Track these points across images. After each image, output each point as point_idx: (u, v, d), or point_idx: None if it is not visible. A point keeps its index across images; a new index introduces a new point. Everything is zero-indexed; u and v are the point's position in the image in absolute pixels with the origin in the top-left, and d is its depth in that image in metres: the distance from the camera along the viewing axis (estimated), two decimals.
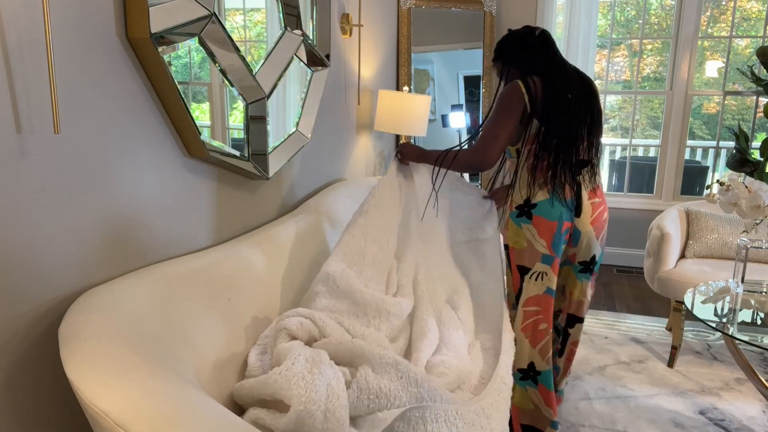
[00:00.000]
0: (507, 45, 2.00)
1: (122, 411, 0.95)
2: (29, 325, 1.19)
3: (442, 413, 1.30)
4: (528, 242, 1.90)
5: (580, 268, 2.04)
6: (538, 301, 1.93)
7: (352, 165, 2.97)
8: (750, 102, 4.88)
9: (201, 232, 1.71)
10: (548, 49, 1.94)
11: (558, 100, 1.84)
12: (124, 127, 1.39)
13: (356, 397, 1.31)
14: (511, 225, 1.94)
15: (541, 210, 1.87)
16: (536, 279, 1.92)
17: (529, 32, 1.97)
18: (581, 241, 1.98)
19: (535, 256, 1.90)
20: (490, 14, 4.01)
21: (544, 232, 1.88)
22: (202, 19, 1.50)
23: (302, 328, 1.52)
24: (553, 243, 1.89)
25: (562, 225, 1.89)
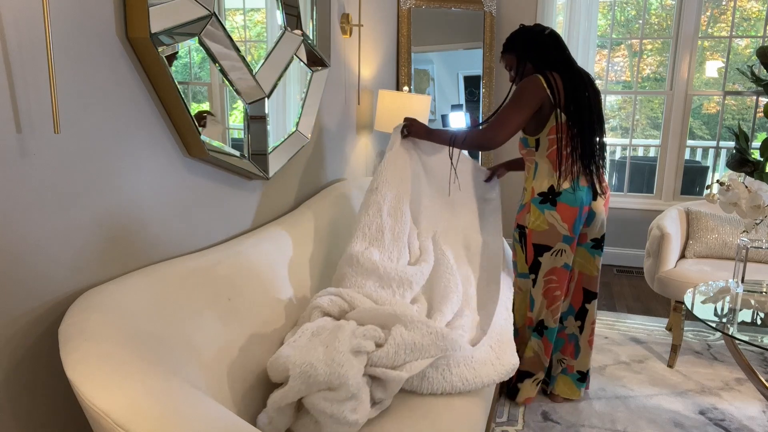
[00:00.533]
0: (521, 40, 2.17)
1: (122, 411, 0.95)
2: (29, 325, 1.19)
3: (462, 359, 1.62)
4: (550, 225, 2.14)
5: (592, 245, 2.28)
6: (555, 272, 2.23)
7: (351, 165, 2.97)
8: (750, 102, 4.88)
9: (201, 232, 1.71)
10: (561, 48, 2.14)
11: (580, 96, 2.07)
12: (124, 127, 1.39)
13: (394, 351, 1.49)
14: (533, 210, 2.16)
15: (565, 198, 2.11)
16: (556, 255, 2.19)
17: (541, 30, 2.16)
18: (595, 222, 2.22)
19: (556, 237, 2.15)
20: (490, 14, 4.01)
21: (567, 217, 2.12)
22: (202, 19, 1.50)
23: (333, 304, 1.70)
24: (574, 226, 2.14)
25: (582, 209, 2.14)
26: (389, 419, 1.46)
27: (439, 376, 1.56)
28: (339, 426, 1.32)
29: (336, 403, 1.31)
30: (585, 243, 2.28)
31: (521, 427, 2.27)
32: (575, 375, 2.43)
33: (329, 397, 1.32)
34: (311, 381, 1.31)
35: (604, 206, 2.23)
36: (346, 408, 1.32)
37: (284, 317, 1.75)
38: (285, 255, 1.88)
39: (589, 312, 2.36)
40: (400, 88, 3.69)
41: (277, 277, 1.78)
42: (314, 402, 1.32)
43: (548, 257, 2.19)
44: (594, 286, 2.33)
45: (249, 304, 1.61)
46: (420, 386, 1.56)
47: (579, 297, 2.36)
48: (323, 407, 1.31)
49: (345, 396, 1.32)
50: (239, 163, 1.80)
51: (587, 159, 2.12)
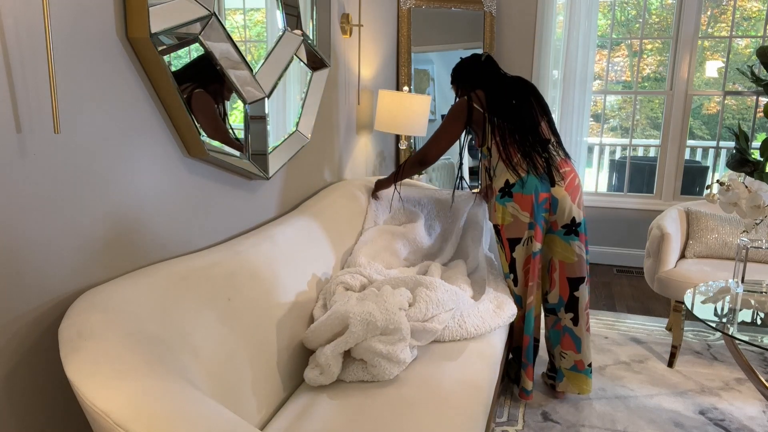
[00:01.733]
0: (459, 70, 2.52)
1: (122, 411, 0.95)
2: (29, 325, 1.19)
3: (471, 311, 2.00)
4: (513, 216, 2.29)
5: (564, 231, 2.33)
6: (528, 262, 2.33)
7: (352, 165, 2.97)
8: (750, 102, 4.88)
9: (201, 232, 1.71)
10: (490, 69, 2.43)
11: (502, 102, 2.32)
12: (124, 126, 1.39)
13: (425, 307, 1.83)
14: (497, 206, 2.33)
15: (518, 188, 2.27)
16: (525, 244, 2.31)
17: (476, 58, 2.47)
18: (560, 207, 2.30)
19: (521, 227, 2.29)
20: (490, 14, 4.01)
21: (525, 204, 2.26)
22: (202, 19, 1.50)
23: (355, 279, 1.99)
24: (534, 212, 2.26)
25: (539, 195, 2.26)
26: (425, 361, 1.78)
27: (456, 326, 1.91)
28: (391, 365, 1.62)
29: (390, 345, 1.61)
30: (557, 231, 2.32)
31: (521, 427, 2.27)
32: (587, 370, 2.41)
33: (384, 339, 1.62)
34: (370, 327, 1.61)
35: (567, 191, 2.29)
36: (398, 349, 1.62)
37: (284, 317, 1.75)
38: (285, 255, 1.88)
39: (580, 299, 2.37)
40: (400, 88, 3.69)
41: (277, 277, 1.78)
42: (371, 344, 1.61)
43: (520, 249, 2.31)
44: (577, 272, 2.35)
45: (249, 304, 1.61)
46: (443, 335, 1.90)
47: (565, 287, 2.37)
48: (379, 349, 1.60)
49: (398, 338, 1.62)
50: (239, 163, 1.80)
51: (530, 151, 2.28)
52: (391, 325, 1.62)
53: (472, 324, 1.95)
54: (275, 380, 1.63)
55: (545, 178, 2.27)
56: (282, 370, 1.67)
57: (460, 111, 2.35)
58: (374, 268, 2.16)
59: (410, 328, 1.76)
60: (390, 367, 1.62)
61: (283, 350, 1.69)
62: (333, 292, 1.92)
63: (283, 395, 1.66)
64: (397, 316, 1.64)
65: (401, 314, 1.67)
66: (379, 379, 1.63)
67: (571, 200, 2.29)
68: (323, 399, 1.59)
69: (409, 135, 3.44)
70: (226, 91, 1.72)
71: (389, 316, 1.63)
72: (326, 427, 1.45)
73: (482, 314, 2.01)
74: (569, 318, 2.39)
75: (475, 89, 2.37)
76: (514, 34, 4.18)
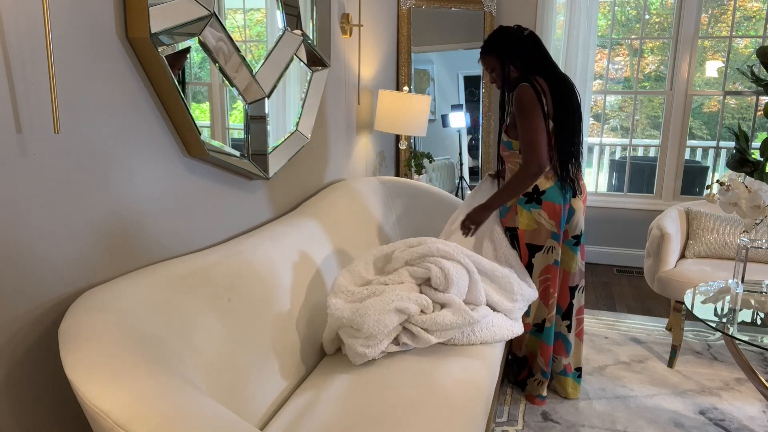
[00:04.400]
0: (503, 41, 2.18)
1: (122, 411, 0.95)
2: (29, 325, 1.19)
3: (486, 323, 1.96)
4: (538, 224, 2.21)
5: (573, 242, 2.32)
6: (549, 270, 2.28)
7: (352, 165, 2.97)
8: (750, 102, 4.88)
9: (201, 232, 1.71)
10: (542, 50, 2.20)
11: (566, 102, 2.15)
12: (124, 127, 1.39)
13: (432, 323, 1.82)
14: (520, 210, 2.23)
15: (550, 196, 2.19)
16: (547, 253, 2.25)
17: (521, 32, 2.18)
18: (574, 218, 2.28)
19: (545, 235, 2.22)
20: (490, 14, 4.01)
21: (553, 214, 2.20)
22: (202, 19, 1.50)
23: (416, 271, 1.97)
24: (560, 222, 2.22)
25: (565, 206, 2.23)
26: (425, 361, 1.79)
27: (464, 339, 1.91)
28: (352, 353, 1.75)
29: (351, 338, 1.76)
30: (567, 240, 2.31)
31: (521, 427, 2.27)
32: (574, 373, 2.46)
33: (349, 333, 1.77)
34: (338, 322, 1.77)
35: (582, 203, 2.30)
36: (358, 343, 1.74)
37: (284, 317, 1.75)
38: (285, 255, 1.88)
39: (574, 306, 2.39)
40: (400, 88, 3.69)
41: (277, 277, 1.78)
42: (341, 334, 1.80)
43: (540, 256, 2.25)
44: (574, 280, 2.36)
45: (249, 304, 1.61)
46: (447, 341, 1.90)
47: (566, 296, 2.38)
48: (344, 339, 1.78)
49: (361, 335, 1.73)
50: (239, 163, 1.80)
51: (567, 160, 2.19)
52: (355, 324, 1.73)
53: (480, 337, 1.93)
54: (275, 380, 1.63)
55: (569, 188, 2.23)
56: (282, 369, 1.67)
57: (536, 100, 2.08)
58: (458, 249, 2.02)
59: (409, 329, 1.82)
60: (353, 355, 1.75)
61: (283, 350, 1.69)
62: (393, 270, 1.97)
63: (283, 395, 1.66)
64: (362, 318, 1.71)
65: (370, 316, 1.72)
66: (350, 359, 1.79)
67: (583, 212, 2.31)
68: (323, 399, 1.59)
69: (409, 135, 3.44)
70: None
71: (354, 317, 1.73)
72: (326, 426, 1.45)
73: (494, 328, 1.97)
74: (565, 325, 2.40)
75: (534, 74, 2.14)
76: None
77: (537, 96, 2.08)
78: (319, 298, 1.97)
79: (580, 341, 2.44)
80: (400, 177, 3.64)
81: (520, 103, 2.10)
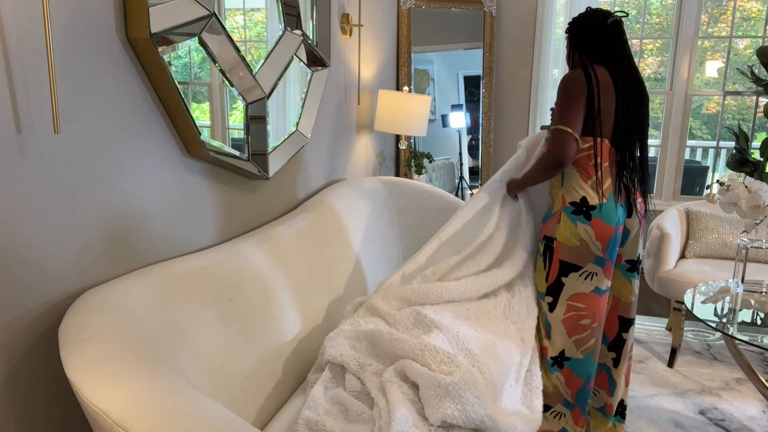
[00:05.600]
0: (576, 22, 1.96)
1: (122, 411, 0.95)
2: (29, 326, 1.19)
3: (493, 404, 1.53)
4: (582, 241, 1.85)
5: (627, 267, 2.00)
6: (583, 299, 1.89)
7: (352, 165, 2.97)
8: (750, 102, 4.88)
9: (201, 232, 1.71)
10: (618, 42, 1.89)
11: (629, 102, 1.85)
12: (124, 127, 1.39)
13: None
14: (564, 220, 1.87)
15: (603, 213, 1.83)
16: (586, 278, 1.87)
17: (601, 19, 1.89)
18: (631, 240, 1.96)
19: (588, 257, 1.86)
20: (490, 14, 4.01)
21: (601, 235, 1.84)
22: (202, 19, 1.50)
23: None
24: (608, 246, 1.85)
25: (618, 228, 1.87)
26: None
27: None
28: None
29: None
30: (620, 264, 1.99)
31: None
32: (612, 416, 2.10)
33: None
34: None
35: (640, 224, 1.96)
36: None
37: (284, 317, 1.75)
38: (285, 255, 1.88)
39: (627, 342, 2.05)
40: (400, 88, 3.69)
41: (277, 277, 1.78)
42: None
43: (574, 278, 1.88)
44: (630, 312, 2.04)
45: (249, 304, 1.61)
46: None
47: (614, 325, 2.05)
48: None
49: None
50: (239, 163, 1.80)
51: (623, 172, 1.88)
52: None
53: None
54: (275, 380, 1.63)
55: (625, 206, 1.89)
56: (282, 369, 1.67)
57: (579, 87, 1.83)
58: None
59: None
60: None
61: (283, 350, 1.69)
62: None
63: (283, 395, 1.66)
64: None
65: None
66: None
67: (641, 232, 1.98)
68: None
69: (409, 135, 3.44)
70: None
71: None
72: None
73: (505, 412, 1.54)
74: (610, 357, 2.07)
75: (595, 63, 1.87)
76: (514, 34, 4.18)
77: (587, 86, 1.82)
78: (319, 298, 1.97)
79: (625, 385, 2.10)
80: (400, 177, 3.64)
81: (561, 88, 1.87)
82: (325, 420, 1.43)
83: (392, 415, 1.37)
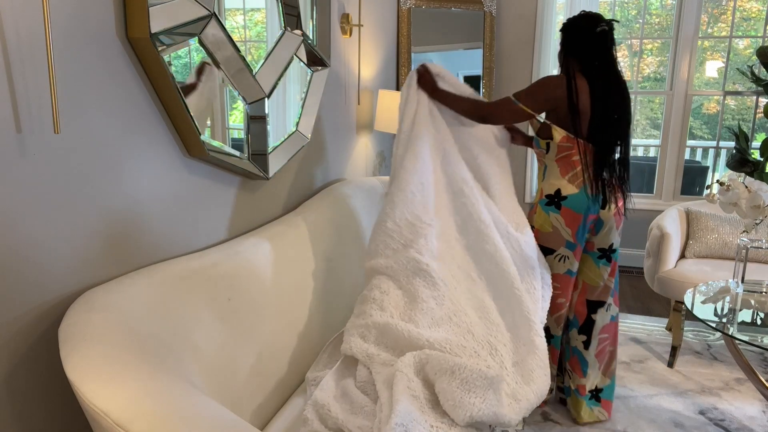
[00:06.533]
0: (569, 30, 2.11)
1: (122, 411, 0.95)
2: (29, 326, 1.19)
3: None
4: (554, 228, 2.12)
5: (598, 254, 2.23)
6: (559, 279, 2.17)
7: (352, 165, 2.97)
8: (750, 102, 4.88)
9: (201, 232, 1.71)
10: (603, 50, 2.03)
11: (605, 111, 2.02)
12: (124, 127, 1.39)
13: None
14: (539, 211, 2.15)
15: (571, 203, 2.09)
16: (559, 260, 2.15)
17: (591, 27, 2.03)
18: (603, 231, 2.18)
19: (560, 241, 2.13)
20: (490, 14, 4.01)
21: (570, 222, 2.10)
22: (202, 19, 1.50)
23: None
24: (577, 232, 2.11)
25: (587, 217, 2.11)
26: None
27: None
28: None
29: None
30: (591, 251, 2.22)
31: (521, 427, 2.27)
32: (588, 396, 2.31)
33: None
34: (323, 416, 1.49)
35: (615, 216, 2.16)
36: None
37: (284, 317, 1.75)
38: (285, 255, 1.88)
39: (596, 323, 2.25)
40: (400, 88, 3.69)
41: (277, 277, 1.78)
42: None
43: (550, 260, 2.14)
44: (598, 296, 2.24)
45: (249, 304, 1.61)
46: None
47: (582, 308, 2.26)
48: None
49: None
50: (239, 163, 1.80)
51: (600, 170, 2.08)
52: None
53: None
54: (275, 380, 1.63)
55: (599, 198, 2.10)
56: (282, 369, 1.67)
57: (551, 91, 2.03)
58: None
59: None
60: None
61: (283, 350, 1.69)
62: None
63: (283, 395, 1.66)
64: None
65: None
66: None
67: (616, 225, 2.19)
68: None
69: None
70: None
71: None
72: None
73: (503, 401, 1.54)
74: (581, 341, 2.28)
75: (577, 71, 2.05)
76: (514, 34, 4.18)
77: (568, 91, 2.00)
78: (319, 298, 1.97)
79: (600, 362, 2.29)
80: None
81: (539, 81, 2.08)
82: (331, 404, 1.47)
83: (393, 408, 1.37)
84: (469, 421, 1.40)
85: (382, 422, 1.37)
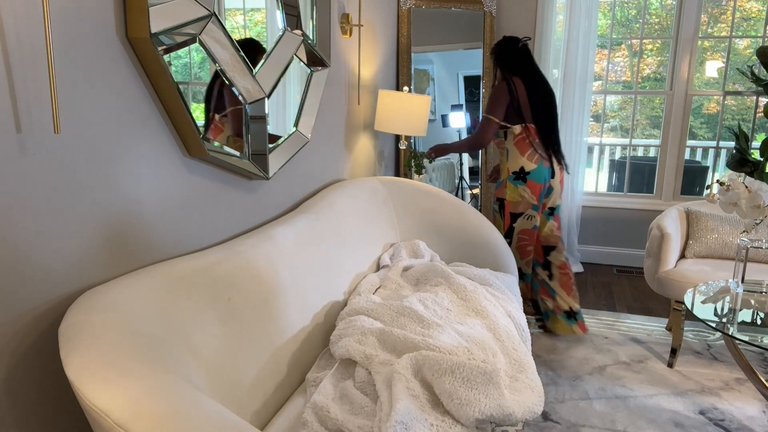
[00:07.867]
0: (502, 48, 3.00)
1: (122, 411, 0.95)
2: (29, 325, 1.19)
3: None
4: (522, 197, 2.93)
5: (548, 212, 3.06)
6: (527, 233, 2.99)
7: (352, 165, 2.97)
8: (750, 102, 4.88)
9: (201, 232, 1.71)
10: (528, 59, 2.98)
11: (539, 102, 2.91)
12: (124, 127, 1.39)
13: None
14: (509, 185, 2.95)
15: (533, 176, 2.91)
16: (527, 219, 2.96)
17: (514, 43, 2.97)
18: (552, 194, 3.01)
19: (527, 205, 2.94)
20: (490, 14, 4.01)
21: (535, 190, 2.92)
22: (202, 19, 1.50)
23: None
24: (540, 197, 2.94)
25: (545, 184, 2.94)
26: None
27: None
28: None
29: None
30: (544, 211, 3.04)
31: (521, 427, 2.27)
32: (563, 314, 3.02)
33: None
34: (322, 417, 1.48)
35: (559, 182, 2.99)
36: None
37: (284, 317, 1.75)
38: (285, 255, 1.88)
39: (553, 262, 3.05)
40: (400, 88, 3.69)
41: (277, 277, 1.78)
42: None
43: (520, 221, 2.95)
44: (550, 241, 3.05)
45: (249, 304, 1.61)
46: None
47: (540, 252, 3.09)
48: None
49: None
50: (239, 163, 1.80)
51: (547, 147, 2.92)
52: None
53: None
54: (276, 380, 1.63)
55: (550, 170, 2.93)
56: (282, 369, 1.67)
57: (503, 96, 2.87)
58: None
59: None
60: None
61: (283, 350, 1.69)
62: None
63: (283, 395, 1.66)
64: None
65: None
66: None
67: (560, 191, 3.02)
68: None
69: (409, 135, 3.44)
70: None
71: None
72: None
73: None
74: (546, 274, 3.07)
75: (512, 75, 2.91)
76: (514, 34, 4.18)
77: (509, 93, 2.87)
78: (319, 298, 1.97)
79: (563, 290, 3.02)
80: (400, 177, 3.64)
81: (492, 94, 2.94)
82: (330, 406, 1.47)
83: (393, 406, 1.37)
84: (478, 416, 1.40)
85: (382, 421, 1.37)
